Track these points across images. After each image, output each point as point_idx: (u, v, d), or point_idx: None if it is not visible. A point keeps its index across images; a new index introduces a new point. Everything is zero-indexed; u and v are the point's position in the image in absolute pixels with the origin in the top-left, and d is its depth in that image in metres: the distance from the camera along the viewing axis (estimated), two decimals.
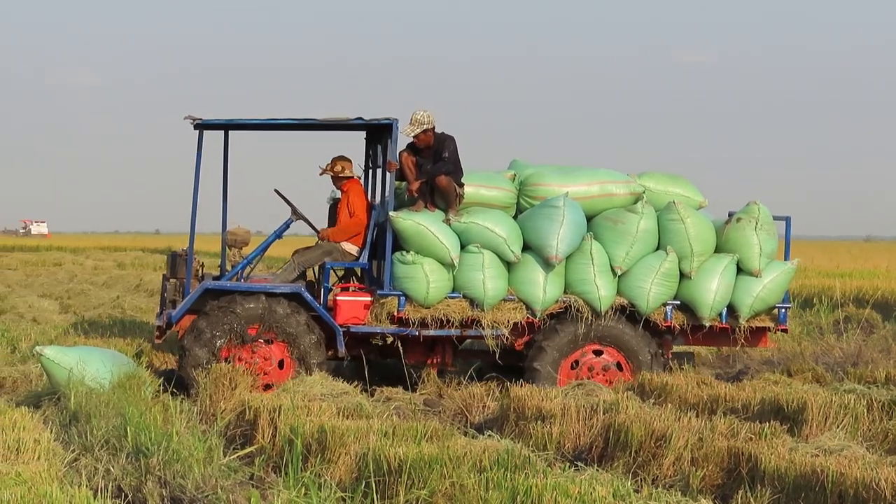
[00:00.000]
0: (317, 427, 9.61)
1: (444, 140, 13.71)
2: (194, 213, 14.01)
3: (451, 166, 13.65)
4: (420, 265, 13.51)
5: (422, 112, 13.64)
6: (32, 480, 8.19)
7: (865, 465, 8.57)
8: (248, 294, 13.51)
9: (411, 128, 13.62)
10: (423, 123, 13.64)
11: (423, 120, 13.64)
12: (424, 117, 13.63)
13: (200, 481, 8.64)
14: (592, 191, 14.06)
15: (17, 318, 21.12)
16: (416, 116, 13.63)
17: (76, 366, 11.95)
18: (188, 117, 13.77)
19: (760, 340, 14.21)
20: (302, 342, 13.46)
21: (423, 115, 13.64)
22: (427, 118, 13.64)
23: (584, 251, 13.64)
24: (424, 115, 13.64)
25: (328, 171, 14.29)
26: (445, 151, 13.63)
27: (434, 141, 13.73)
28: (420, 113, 13.63)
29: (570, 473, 8.53)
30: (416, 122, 13.62)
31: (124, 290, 29.11)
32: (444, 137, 13.74)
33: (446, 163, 13.61)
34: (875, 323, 20.91)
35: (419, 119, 13.62)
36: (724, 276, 13.76)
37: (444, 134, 13.78)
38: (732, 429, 9.91)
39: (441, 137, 13.74)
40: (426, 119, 13.64)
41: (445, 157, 13.61)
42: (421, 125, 13.63)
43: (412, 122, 13.62)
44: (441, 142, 13.70)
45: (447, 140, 13.72)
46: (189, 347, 13.40)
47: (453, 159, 13.68)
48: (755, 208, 13.91)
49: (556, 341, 13.69)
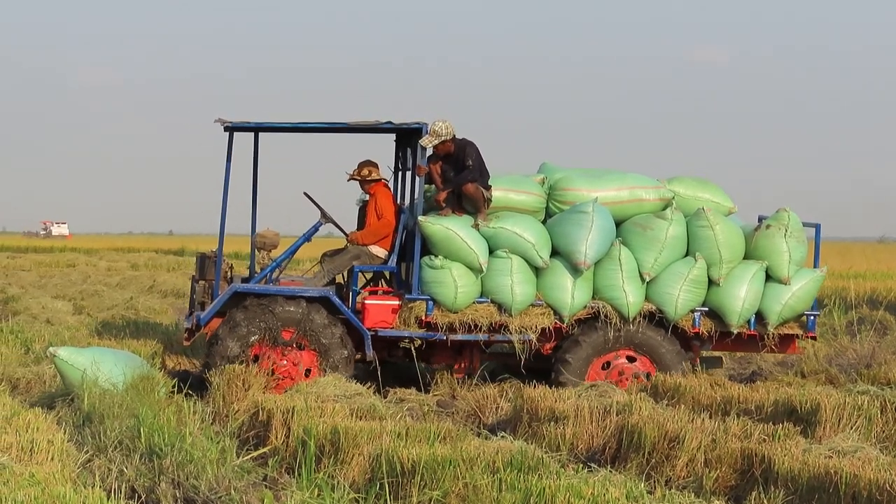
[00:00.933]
0: (330, 428, 9.62)
1: (465, 147, 13.72)
2: (223, 215, 14.04)
3: (476, 173, 13.67)
4: (448, 270, 13.53)
5: (440, 123, 13.65)
6: (46, 481, 8.20)
7: (879, 466, 8.56)
8: (290, 297, 13.54)
9: (429, 139, 13.64)
10: (441, 135, 13.63)
11: (440, 131, 13.63)
12: (442, 128, 13.64)
13: (214, 482, 8.65)
14: (622, 196, 14.03)
15: (31, 319, 21.14)
16: (434, 128, 13.65)
17: (90, 367, 11.97)
18: (218, 120, 13.80)
19: (789, 347, 14.17)
20: (333, 355, 13.48)
21: (441, 126, 13.65)
22: (445, 129, 13.63)
23: (612, 257, 13.62)
24: (442, 126, 13.64)
25: (355, 177, 14.33)
26: (468, 159, 13.64)
27: (455, 148, 13.75)
28: (438, 124, 13.65)
29: (584, 475, 8.52)
30: (434, 133, 13.64)
31: (138, 292, 29.16)
32: (464, 144, 13.74)
33: (471, 170, 13.63)
34: (889, 324, 20.89)
35: (437, 130, 13.63)
36: (752, 283, 13.70)
37: (465, 140, 13.79)
38: (746, 430, 9.90)
39: (461, 144, 13.74)
40: (443, 130, 13.64)
41: (469, 164, 13.63)
42: (438, 136, 13.63)
43: (431, 134, 13.64)
44: (462, 149, 13.71)
45: (468, 147, 13.72)
46: (223, 337, 13.43)
47: (477, 165, 13.70)
48: (785, 215, 13.84)
49: (592, 338, 13.69)
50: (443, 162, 13.83)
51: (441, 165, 13.84)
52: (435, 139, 13.64)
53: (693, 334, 13.90)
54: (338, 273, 14.25)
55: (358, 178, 14.36)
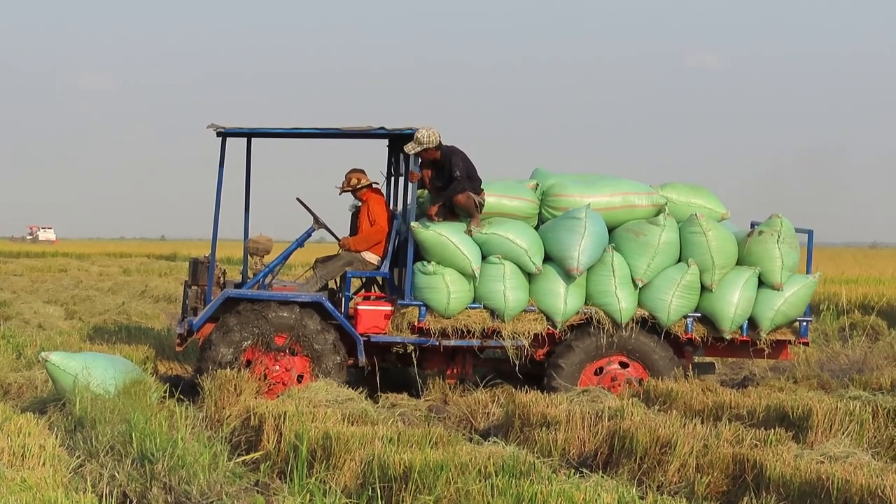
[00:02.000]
0: (322, 433, 9.62)
1: (451, 156, 13.67)
2: (216, 220, 14.04)
3: (465, 182, 13.64)
4: (441, 276, 13.53)
5: (423, 131, 13.62)
6: (37, 486, 8.20)
7: (871, 472, 8.57)
8: (284, 303, 13.54)
9: (412, 146, 13.62)
10: (423, 143, 13.61)
11: (422, 139, 13.61)
12: (425, 136, 13.61)
13: (205, 487, 8.65)
14: (615, 202, 14.04)
15: (23, 323, 21.12)
16: (417, 136, 13.61)
17: (81, 372, 11.95)
18: (211, 126, 13.76)
19: (781, 353, 14.18)
20: (326, 361, 13.48)
21: (424, 133, 13.61)
22: (427, 137, 13.60)
23: (605, 263, 13.62)
24: (425, 134, 13.61)
25: (346, 188, 14.33)
26: (455, 169, 13.60)
27: (441, 156, 13.73)
28: (422, 132, 13.61)
29: (575, 480, 8.52)
30: (417, 141, 13.62)
31: (129, 296, 29.14)
32: (450, 153, 13.70)
33: (459, 181, 13.60)
34: (880, 330, 20.90)
35: (419, 138, 13.61)
36: (745, 289, 13.70)
37: (451, 148, 13.75)
38: (738, 435, 9.91)
39: (447, 152, 13.70)
40: (426, 138, 13.60)
41: (457, 175, 13.60)
42: (420, 144, 13.62)
43: (414, 141, 13.62)
44: (448, 158, 13.67)
45: (454, 156, 13.67)
46: (215, 343, 13.43)
47: (464, 174, 13.66)
48: (777, 221, 13.85)
49: (585, 343, 13.70)
50: (431, 170, 13.82)
51: (431, 172, 13.83)
52: (417, 146, 13.62)
53: (686, 340, 13.90)
54: (330, 279, 14.24)
55: (349, 189, 14.37)
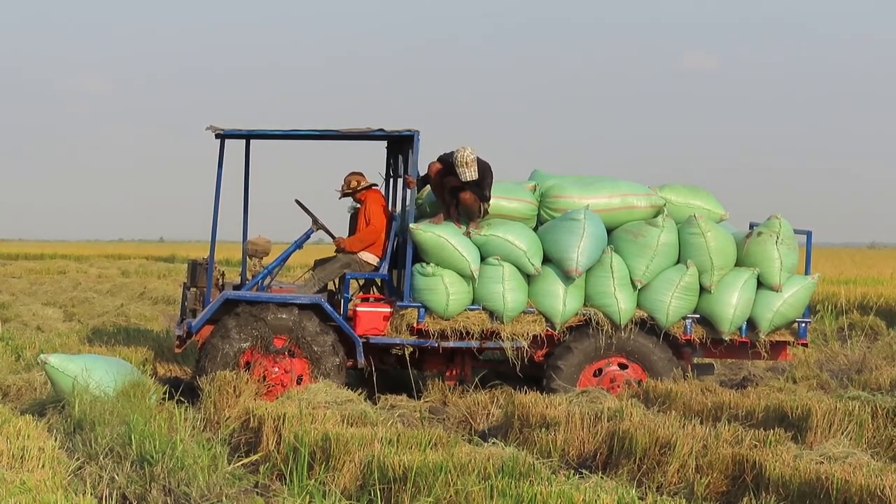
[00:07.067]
0: (321, 435, 9.62)
1: (485, 172, 13.47)
2: (215, 222, 14.04)
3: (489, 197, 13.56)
4: (440, 277, 13.53)
5: (466, 152, 13.31)
6: (37, 489, 8.20)
7: (870, 472, 8.57)
8: (282, 305, 13.53)
9: (467, 171, 13.32)
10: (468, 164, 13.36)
11: (468, 160, 13.36)
12: (468, 156, 13.32)
13: (205, 489, 8.65)
14: (613, 203, 14.03)
15: (22, 326, 21.13)
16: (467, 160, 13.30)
17: (81, 374, 11.96)
18: (210, 127, 13.75)
19: (780, 354, 14.17)
20: (325, 362, 13.48)
21: (468, 155, 13.31)
22: (467, 157, 13.31)
23: (604, 264, 13.62)
24: (468, 155, 13.31)
25: (346, 191, 14.32)
26: (487, 189, 13.46)
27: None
28: (466, 154, 13.30)
29: (575, 481, 8.52)
30: (468, 164, 13.31)
31: (128, 298, 29.12)
32: (483, 168, 13.48)
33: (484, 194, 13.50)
34: (879, 330, 20.92)
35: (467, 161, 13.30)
36: (744, 290, 13.69)
37: (485, 163, 13.50)
38: (737, 436, 9.91)
39: (482, 168, 13.48)
40: (470, 158, 13.31)
41: (488, 195, 13.48)
42: (467, 167, 13.33)
43: (465, 166, 13.31)
44: (482, 174, 13.45)
45: (487, 173, 13.48)
46: (214, 345, 13.43)
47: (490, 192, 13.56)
48: (776, 222, 13.84)
49: (584, 344, 13.70)
50: (452, 174, 13.61)
51: (452, 180, 13.61)
52: (470, 170, 13.34)
53: (685, 341, 13.91)
54: (329, 280, 14.24)
55: (349, 192, 14.36)
